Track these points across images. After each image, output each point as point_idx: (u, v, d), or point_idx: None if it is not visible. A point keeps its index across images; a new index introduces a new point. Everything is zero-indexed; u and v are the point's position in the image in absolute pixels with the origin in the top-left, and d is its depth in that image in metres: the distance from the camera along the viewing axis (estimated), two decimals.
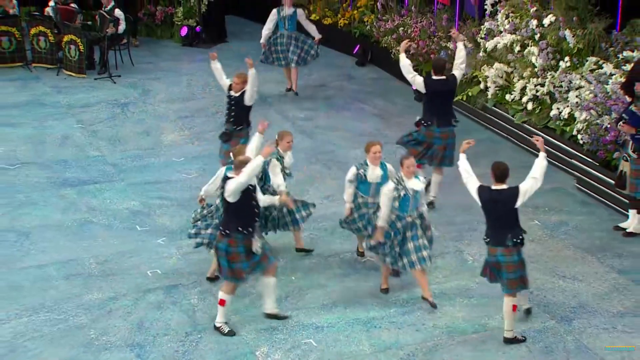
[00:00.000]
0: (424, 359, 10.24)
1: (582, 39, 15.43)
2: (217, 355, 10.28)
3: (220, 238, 10.39)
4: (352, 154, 15.27)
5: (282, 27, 17.80)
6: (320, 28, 20.79)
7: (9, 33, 19.21)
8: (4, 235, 12.84)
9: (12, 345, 10.43)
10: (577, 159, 14.55)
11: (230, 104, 13.94)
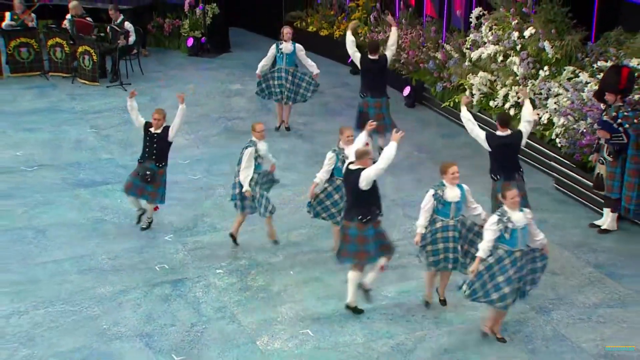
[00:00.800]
0: (413, 348, 10.26)
1: (560, 49, 15.45)
2: (221, 345, 10.30)
3: (348, 224, 10.69)
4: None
5: (281, 62, 16.23)
6: (317, 39, 20.95)
7: (28, 44, 19.21)
8: (23, 233, 12.85)
9: (30, 335, 10.45)
10: (556, 161, 14.55)
11: (152, 141, 12.85)
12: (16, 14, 19.43)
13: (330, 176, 11.89)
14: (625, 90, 12.69)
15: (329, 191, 12.00)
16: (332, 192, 11.97)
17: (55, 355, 10.10)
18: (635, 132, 12.43)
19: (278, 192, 13.93)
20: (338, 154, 11.80)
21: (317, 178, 11.89)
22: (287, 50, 16.03)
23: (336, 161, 11.79)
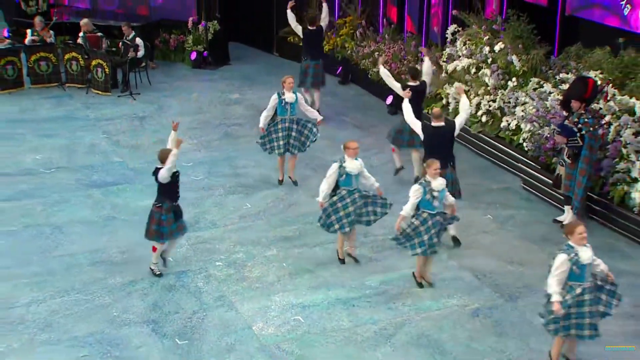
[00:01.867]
0: (395, 332, 10.28)
1: (527, 62, 15.46)
2: (220, 330, 10.31)
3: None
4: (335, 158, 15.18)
5: (285, 112, 14.17)
6: None
7: (46, 58, 19.16)
8: (41, 229, 12.82)
9: (47, 321, 10.46)
10: (523, 163, 14.55)
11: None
12: (36, 30, 19.40)
13: (416, 209, 10.92)
14: (589, 99, 12.74)
15: (416, 225, 10.97)
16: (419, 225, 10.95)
17: (71, 339, 10.09)
18: (590, 136, 12.46)
19: (272, 192, 14.11)
20: (425, 186, 10.84)
21: (403, 211, 10.96)
22: (291, 99, 14.21)
23: (423, 193, 10.87)
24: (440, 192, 10.88)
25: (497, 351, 9.92)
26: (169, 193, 11.44)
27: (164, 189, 11.39)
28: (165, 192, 11.40)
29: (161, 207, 11.34)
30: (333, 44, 20.32)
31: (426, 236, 10.87)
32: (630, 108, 13.25)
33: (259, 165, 15.16)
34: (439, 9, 17.65)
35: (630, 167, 12.62)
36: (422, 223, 10.88)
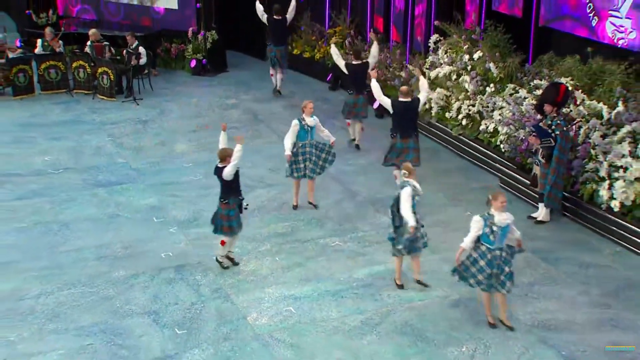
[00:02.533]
0: (380, 322, 10.28)
1: (503, 70, 15.48)
2: (216, 320, 10.31)
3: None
4: None
5: (306, 137, 13.35)
6: (300, 61, 20.93)
7: (56, 66, 19.14)
8: (50, 226, 12.80)
9: (55, 312, 10.46)
10: (500, 163, 14.56)
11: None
12: (46, 41, 19.39)
13: (477, 241, 9.98)
14: (561, 104, 12.78)
15: (475, 257, 10.04)
16: (478, 258, 10.04)
17: (77, 329, 10.09)
18: (562, 137, 12.50)
19: (266, 191, 14.09)
20: (486, 219, 9.86)
21: (464, 243, 10.00)
22: (311, 123, 13.47)
23: (484, 226, 9.87)
24: (502, 228, 9.83)
25: (475, 338, 9.94)
26: (234, 189, 11.47)
27: (228, 186, 11.37)
28: (230, 188, 11.40)
29: (228, 203, 11.36)
30: (324, 53, 20.31)
31: (483, 275, 9.94)
32: (598, 112, 13.31)
33: (254, 166, 15.10)
34: (422, 20, 17.66)
35: (598, 167, 12.65)
36: (480, 256, 9.95)
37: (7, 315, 10.39)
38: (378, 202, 13.56)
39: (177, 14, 21.43)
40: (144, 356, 9.58)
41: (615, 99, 13.25)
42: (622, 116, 12.87)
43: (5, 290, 10.96)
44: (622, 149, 12.41)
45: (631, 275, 11.48)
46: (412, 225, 10.45)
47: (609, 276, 11.44)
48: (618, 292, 11.02)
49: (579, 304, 10.71)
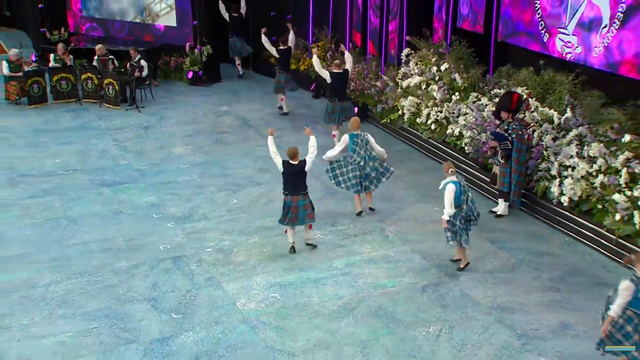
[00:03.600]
0: (356, 306, 10.33)
1: (467, 80, 15.54)
2: (209, 305, 10.34)
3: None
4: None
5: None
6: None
7: (66, 78, 19.11)
8: (59, 221, 12.80)
9: (64, 299, 10.50)
10: (465, 164, 14.62)
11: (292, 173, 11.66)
12: (58, 55, 19.38)
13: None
14: (515, 110, 12.84)
15: (621, 324, 8.47)
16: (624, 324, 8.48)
17: (83, 314, 10.11)
18: (518, 140, 12.58)
19: (255, 189, 14.09)
20: (637, 284, 8.24)
21: (612, 312, 8.36)
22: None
23: (636, 292, 8.26)
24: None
25: (441, 320, 9.99)
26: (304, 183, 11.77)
27: (304, 177, 11.73)
28: (305, 179, 11.75)
29: (306, 193, 11.70)
30: (308, 65, 20.32)
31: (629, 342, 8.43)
32: (550, 118, 13.39)
33: (244, 167, 15.15)
34: (395, 35, 17.69)
35: (550, 166, 12.72)
36: (627, 322, 8.40)
37: (20, 301, 10.40)
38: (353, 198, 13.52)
39: (176, 31, 21.39)
40: (143, 338, 9.60)
41: (564, 106, 13.34)
42: (570, 121, 12.97)
43: (19, 279, 10.97)
44: (570, 151, 12.50)
45: (578, 262, 11.59)
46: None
47: (559, 263, 11.53)
48: (566, 277, 11.12)
49: (532, 288, 10.79)
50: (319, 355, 9.25)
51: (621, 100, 12.63)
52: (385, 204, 13.47)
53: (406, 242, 12.06)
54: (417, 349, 9.37)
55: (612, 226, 11.54)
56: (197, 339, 9.57)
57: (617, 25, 12.69)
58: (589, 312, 10.17)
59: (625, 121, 12.17)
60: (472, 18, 16.07)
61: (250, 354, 9.28)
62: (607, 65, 13.02)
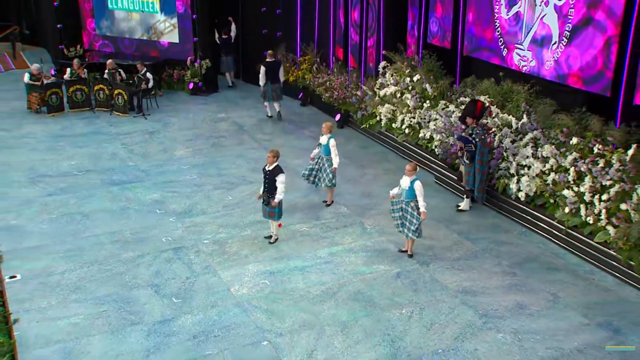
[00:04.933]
0: (338, 291, 10.34)
1: (437, 89, 15.56)
2: (206, 290, 10.35)
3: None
4: (295, 162, 15.21)
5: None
6: None
7: (81, 89, 19.02)
8: (74, 216, 12.75)
9: (77, 285, 10.49)
10: (435, 164, 14.66)
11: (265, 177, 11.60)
12: (74, 69, 19.31)
13: None
14: (479, 117, 12.86)
15: None
16: None
17: (94, 298, 10.11)
18: (481, 144, 12.60)
19: (248, 187, 14.02)
20: None
21: None
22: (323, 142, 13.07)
23: None
24: None
25: (413, 303, 10.02)
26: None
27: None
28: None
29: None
30: (296, 76, 20.32)
31: None
32: (509, 123, 13.42)
33: (238, 168, 15.12)
34: (373, 50, 17.70)
35: (509, 165, 12.77)
36: None
37: (39, 287, 10.39)
38: (337, 195, 13.59)
39: (179, 47, 21.33)
40: (147, 320, 9.60)
41: (521, 113, 13.38)
42: (526, 126, 13.00)
43: (38, 267, 10.95)
44: (526, 152, 12.55)
45: (532, 250, 11.65)
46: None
47: (516, 251, 11.59)
48: (522, 263, 11.18)
49: (493, 273, 10.84)
50: (304, 335, 9.26)
51: (569, 108, 12.68)
52: (365, 200, 13.49)
53: (382, 234, 12.08)
54: (391, 329, 9.41)
55: (562, 218, 11.61)
56: (195, 321, 9.57)
57: (565, 42, 12.76)
58: (541, 294, 10.27)
59: (573, 126, 12.21)
60: (440, 35, 16.11)
61: (243, 334, 9.29)
62: (557, 77, 13.08)
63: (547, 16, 13.08)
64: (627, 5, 11.39)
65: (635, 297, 10.27)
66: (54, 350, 8.95)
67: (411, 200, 11.10)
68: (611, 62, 11.80)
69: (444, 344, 9.07)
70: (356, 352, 8.91)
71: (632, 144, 10.99)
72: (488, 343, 9.10)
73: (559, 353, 8.92)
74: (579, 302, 10.09)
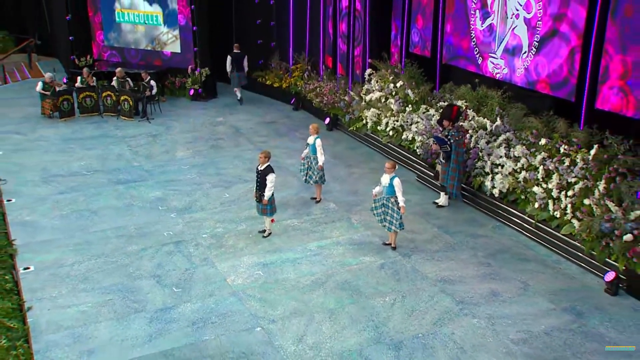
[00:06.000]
0: (326, 281, 10.34)
1: (418, 94, 15.58)
2: (204, 281, 10.33)
3: None
4: (288, 162, 15.25)
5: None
6: (272, 89, 20.89)
7: (90, 96, 18.97)
8: (82, 213, 12.72)
9: (85, 276, 10.47)
10: (416, 163, 14.69)
11: (257, 175, 11.60)
12: (84, 78, 19.29)
13: None
14: (455, 120, 12.90)
15: None
16: None
17: (101, 288, 10.09)
18: (456, 144, 12.63)
19: (244, 186, 14.00)
20: None
21: None
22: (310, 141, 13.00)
23: None
24: None
25: (396, 291, 10.04)
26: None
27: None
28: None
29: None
30: (289, 83, 20.33)
31: None
32: (484, 125, 13.47)
33: (235, 168, 15.10)
34: (360, 59, 17.71)
35: (484, 164, 12.82)
36: None
37: (50, 278, 10.38)
38: (326, 192, 13.60)
39: (180, 56, 21.30)
40: (150, 308, 9.60)
41: (495, 116, 13.42)
42: (500, 128, 13.05)
43: (49, 259, 10.93)
44: (500, 152, 12.59)
45: (505, 242, 11.69)
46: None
47: (490, 243, 11.63)
48: (496, 255, 11.21)
49: (469, 264, 10.88)
50: (294, 321, 9.27)
51: (538, 111, 12.73)
52: (352, 197, 13.50)
53: (368, 228, 12.08)
54: (376, 315, 9.42)
55: (532, 212, 11.66)
56: (194, 309, 9.57)
57: (534, 52, 12.81)
58: (513, 282, 10.31)
59: (542, 128, 12.26)
60: (421, 45, 16.14)
61: (238, 321, 9.29)
62: (527, 83, 13.12)
63: (518, 28, 13.14)
64: (588, 19, 11.50)
65: (596, 283, 10.34)
66: (64, 335, 8.95)
67: (391, 196, 11.12)
68: (575, 70, 11.86)
69: (423, 329, 9.09)
70: (343, 336, 8.93)
71: (594, 145, 11.06)
72: (464, 327, 9.13)
73: (527, 335, 8.98)
74: (546, 289, 10.14)
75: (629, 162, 10.47)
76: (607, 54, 11.11)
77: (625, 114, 10.93)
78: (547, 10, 12.34)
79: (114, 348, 8.69)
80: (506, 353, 8.61)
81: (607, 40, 11.05)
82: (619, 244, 9.96)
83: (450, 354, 8.56)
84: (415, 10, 16.17)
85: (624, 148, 10.64)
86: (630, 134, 10.69)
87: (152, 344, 8.78)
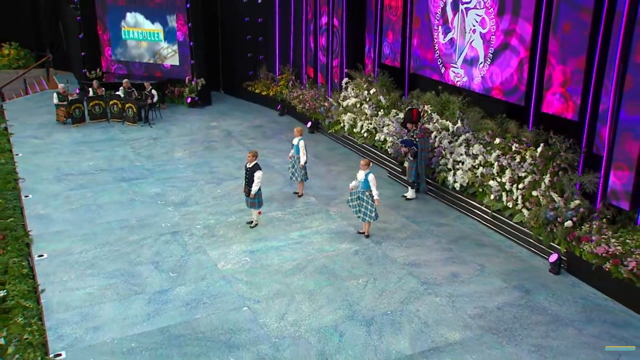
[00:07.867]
0: (306, 265, 10.32)
1: (389, 100, 15.57)
2: (197, 266, 10.28)
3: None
4: (274, 161, 15.20)
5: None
6: (260, 96, 20.82)
7: (99, 104, 18.82)
8: (90, 207, 12.61)
9: (91, 262, 10.39)
10: (387, 161, 14.70)
11: (246, 172, 11.58)
12: (94, 88, 19.15)
13: None
14: (416, 122, 12.92)
15: None
16: None
17: (105, 273, 10.02)
18: (421, 144, 12.67)
19: (234, 182, 13.92)
20: None
21: None
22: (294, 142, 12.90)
23: None
24: None
25: (368, 274, 10.04)
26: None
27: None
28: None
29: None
30: (275, 91, 20.28)
31: None
32: (447, 127, 13.47)
33: (226, 166, 15.03)
34: (338, 69, 17.70)
35: (447, 161, 12.83)
36: None
37: (61, 264, 10.30)
38: (308, 188, 13.57)
39: (179, 68, 21.18)
40: (148, 290, 9.54)
41: (456, 119, 13.43)
42: (460, 129, 13.06)
43: (60, 248, 10.84)
44: (460, 150, 12.60)
45: (465, 230, 11.72)
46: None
47: (452, 231, 11.64)
48: (457, 241, 11.24)
49: (433, 249, 10.89)
50: (277, 301, 9.23)
51: (493, 114, 12.77)
52: (330, 192, 13.48)
53: (344, 219, 12.06)
54: (350, 295, 9.40)
55: (488, 203, 11.69)
56: (188, 291, 9.52)
57: (489, 62, 12.85)
58: (471, 265, 10.33)
59: (496, 129, 12.30)
60: (392, 56, 16.14)
61: (227, 301, 9.24)
62: (483, 89, 13.15)
63: (475, 41, 13.17)
64: (533, 34, 11.58)
65: (542, 265, 10.40)
66: (73, 314, 8.88)
67: (366, 190, 11.11)
68: (524, 78, 11.93)
69: (392, 307, 9.09)
70: (320, 314, 8.91)
71: (540, 143, 11.12)
72: (428, 305, 9.14)
73: (483, 310, 9.01)
74: (500, 270, 10.18)
75: (569, 159, 10.57)
76: (550, 65, 11.18)
77: (566, 116, 11.01)
78: (500, 26, 12.40)
79: (116, 325, 8.63)
80: (464, 326, 8.64)
81: (550, 53, 11.13)
82: (561, 229, 10.03)
83: (415, 328, 8.57)
84: (386, 26, 16.17)
85: (565, 146, 10.72)
86: (571, 134, 10.77)
87: (150, 322, 8.73)
